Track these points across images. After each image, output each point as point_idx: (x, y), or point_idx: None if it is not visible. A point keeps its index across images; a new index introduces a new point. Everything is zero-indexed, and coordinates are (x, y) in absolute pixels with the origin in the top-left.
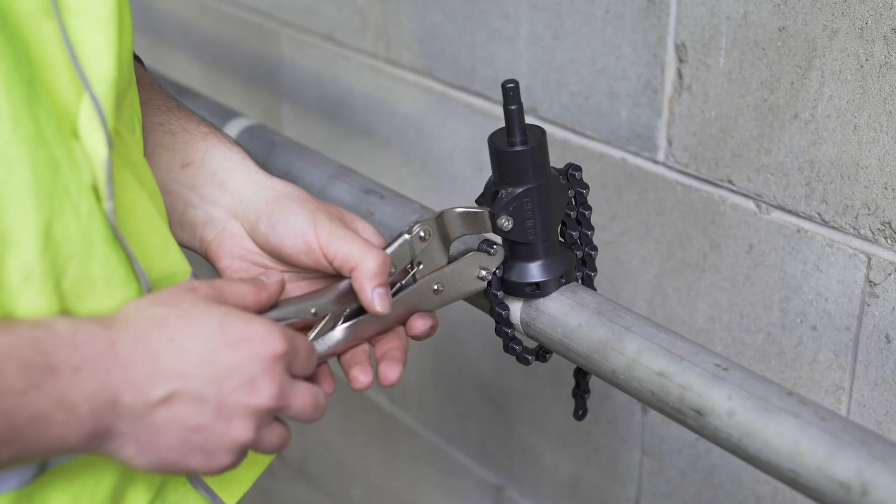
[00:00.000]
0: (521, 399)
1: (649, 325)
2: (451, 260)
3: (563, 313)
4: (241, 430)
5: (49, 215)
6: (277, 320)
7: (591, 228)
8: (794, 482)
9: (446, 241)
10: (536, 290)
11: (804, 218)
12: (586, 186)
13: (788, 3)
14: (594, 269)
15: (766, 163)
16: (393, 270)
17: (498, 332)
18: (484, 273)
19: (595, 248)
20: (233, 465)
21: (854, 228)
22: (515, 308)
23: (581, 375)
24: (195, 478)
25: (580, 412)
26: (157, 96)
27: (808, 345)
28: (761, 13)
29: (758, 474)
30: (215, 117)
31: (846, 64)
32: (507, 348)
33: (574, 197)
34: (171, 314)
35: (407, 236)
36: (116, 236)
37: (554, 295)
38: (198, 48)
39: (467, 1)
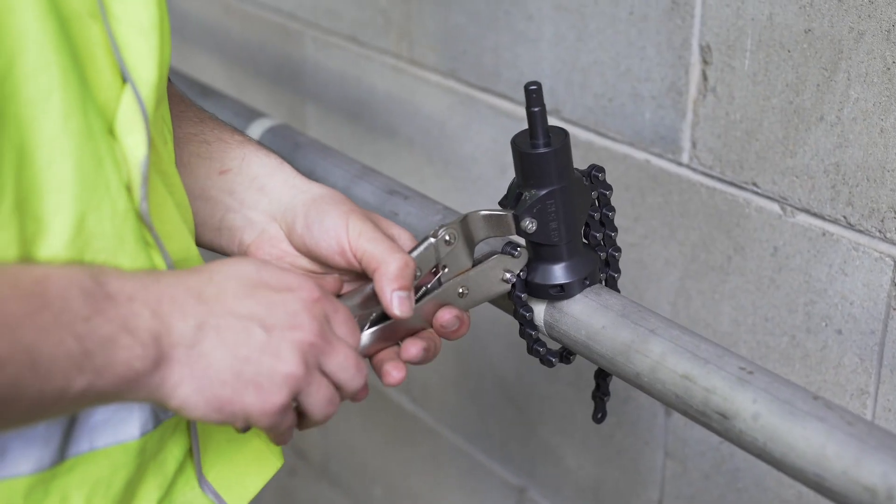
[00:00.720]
0: (544, 400)
1: (673, 328)
2: (475, 263)
3: (587, 315)
4: (290, 364)
5: (85, 207)
6: None
7: (615, 230)
8: (819, 487)
9: (471, 243)
10: (560, 292)
11: (829, 221)
12: (610, 188)
13: (814, 4)
14: (618, 271)
15: (791, 165)
16: (418, 274)
17: (522, 334)
18: (508, 275)
19: (619, 250)
20: (285, 409)
21: (880, 232)
22: (539, 310)
23: (601, 377)
24: (202, 479)
25: (599, 415)
26: (187, 108)
27: (833, 348)
28: (787, 15)
29: (782, 478)
30: (240, 117)
31: (872, 66)
32: (531, 350)
33: (597, 198)
34: (208, 266)
35: (432, 240)
36: (152, 235)
37: (578, 297)
38: (222, 49)
39: (491, 2)
